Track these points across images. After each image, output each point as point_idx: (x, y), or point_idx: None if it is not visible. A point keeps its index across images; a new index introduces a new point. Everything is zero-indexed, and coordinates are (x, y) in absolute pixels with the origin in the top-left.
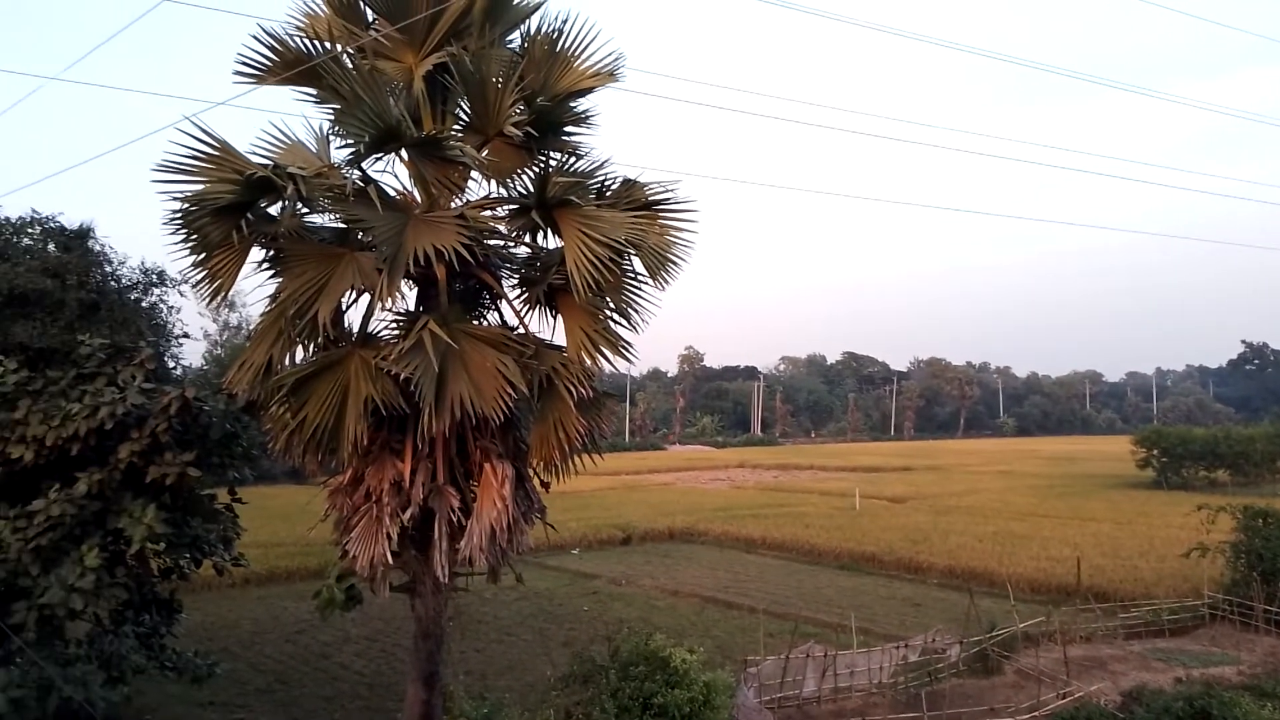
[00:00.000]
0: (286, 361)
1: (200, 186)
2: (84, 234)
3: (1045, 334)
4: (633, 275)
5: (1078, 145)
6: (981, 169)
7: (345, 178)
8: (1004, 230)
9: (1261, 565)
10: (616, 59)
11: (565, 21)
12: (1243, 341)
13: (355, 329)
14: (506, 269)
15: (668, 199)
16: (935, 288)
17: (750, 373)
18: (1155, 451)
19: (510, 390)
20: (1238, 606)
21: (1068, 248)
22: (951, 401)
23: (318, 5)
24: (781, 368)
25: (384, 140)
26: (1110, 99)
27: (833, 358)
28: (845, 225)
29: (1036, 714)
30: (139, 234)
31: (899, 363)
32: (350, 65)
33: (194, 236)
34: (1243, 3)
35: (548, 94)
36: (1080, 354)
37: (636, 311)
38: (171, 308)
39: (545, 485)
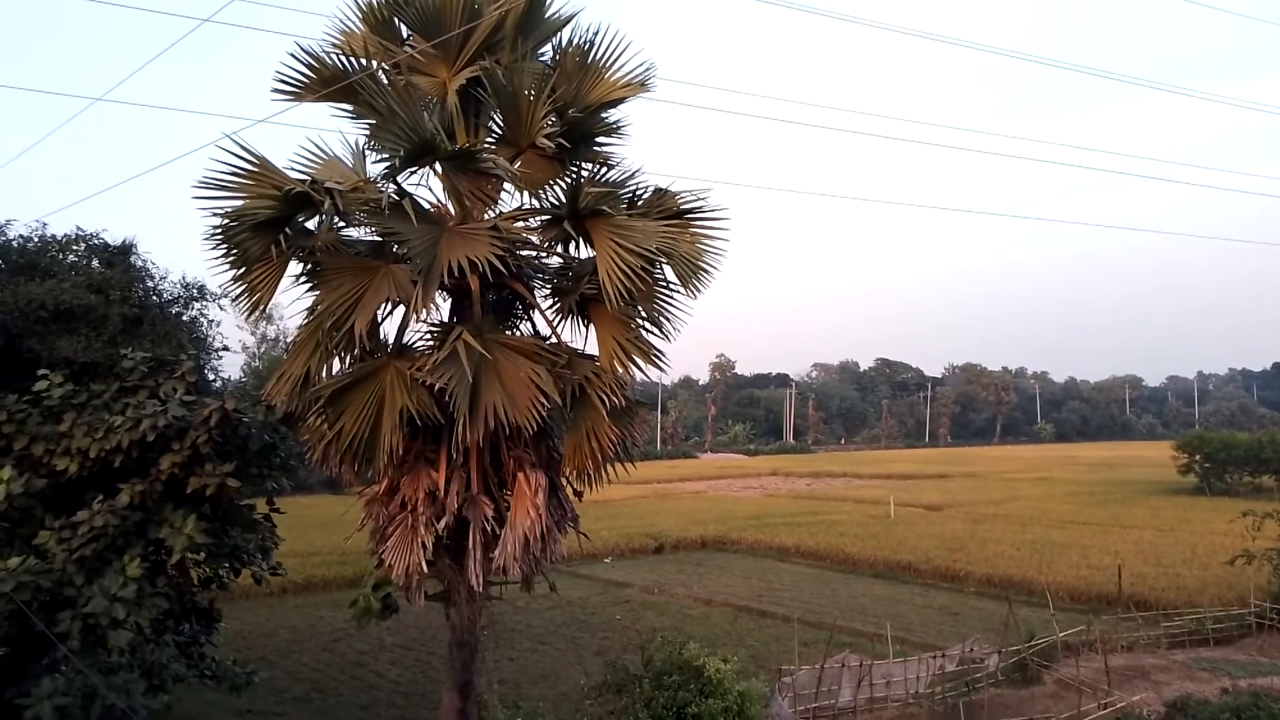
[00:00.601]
0: (324, 373)
1: (240, 202)
2: (126, 250)
3: (1083, 338)
4: (664, 284)
5: (1113, 146)
6: (1014, 171)
7: (381, 191)
8: (1038, 231)
9: None
10: (647, 69)
11: (596, 34)
12: None
13: (391, 340)
14: (539, 279)
15: (699, 207)
16: (969, 291)
17: (782, 380)
18: (1197, 457)
19: (543, 400)
20: None
21: (1104, 249)
22: (987, 408)
23: (354, 23)
24: (814, 375)
25: (419, 154)
26: (1143, 99)
27: (866, 364)
28: (877, 230)
29: None
30: (181, 249)
31: (933, 369)
32: (385, 81)
33: (234, 251)
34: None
35: (579, 105)
36: (1119, 358)
37: (668, 320)
38: (211, 321)
39: (578, 494)
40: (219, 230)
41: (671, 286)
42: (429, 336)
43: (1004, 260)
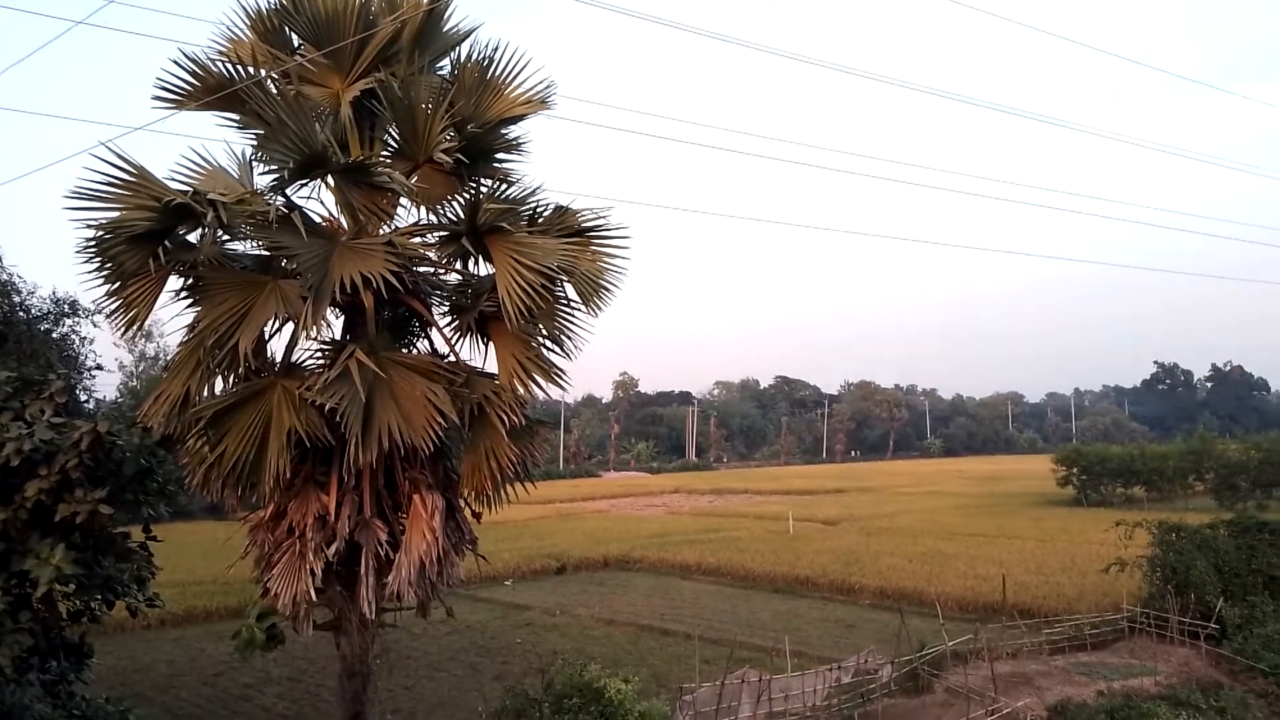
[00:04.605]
0: (205, 393)
1: (116, 214)
2: None
3: (969, 356)
4: (566, 302)
5: (991, 172)
6: (901, 194)
7: (268, 204)
8: (926, 255)
9: (1175, 578)
10: (548, 86)
11: (496, 49)
12: (1155, 362)
13: (278, 359)
14: (437, 296)
15: (600, 225)
16: (863, 311)
17: (685, 398)
18: (1075, 470)
19: (440, 419)
20: (1154, 619)
21: (987, 270)
22: (881, 424)
23: (242, 30)
24: (716, 393)
25: (309, 166)
26: (1025, 127)
27: (766, 382)
28: (777, 250)
29: None
30: (51, 263)
31: (830, 386)
32: (275, 90)
33: (108, 265)
34: None
35: (478, 121)
36: (1003, 375)
37: (570, 338)
38: (84, 338)
39: (477, 516)
40: (93, 243)
41: (573, 304)
42: (320, 355)
43: (894, 280)
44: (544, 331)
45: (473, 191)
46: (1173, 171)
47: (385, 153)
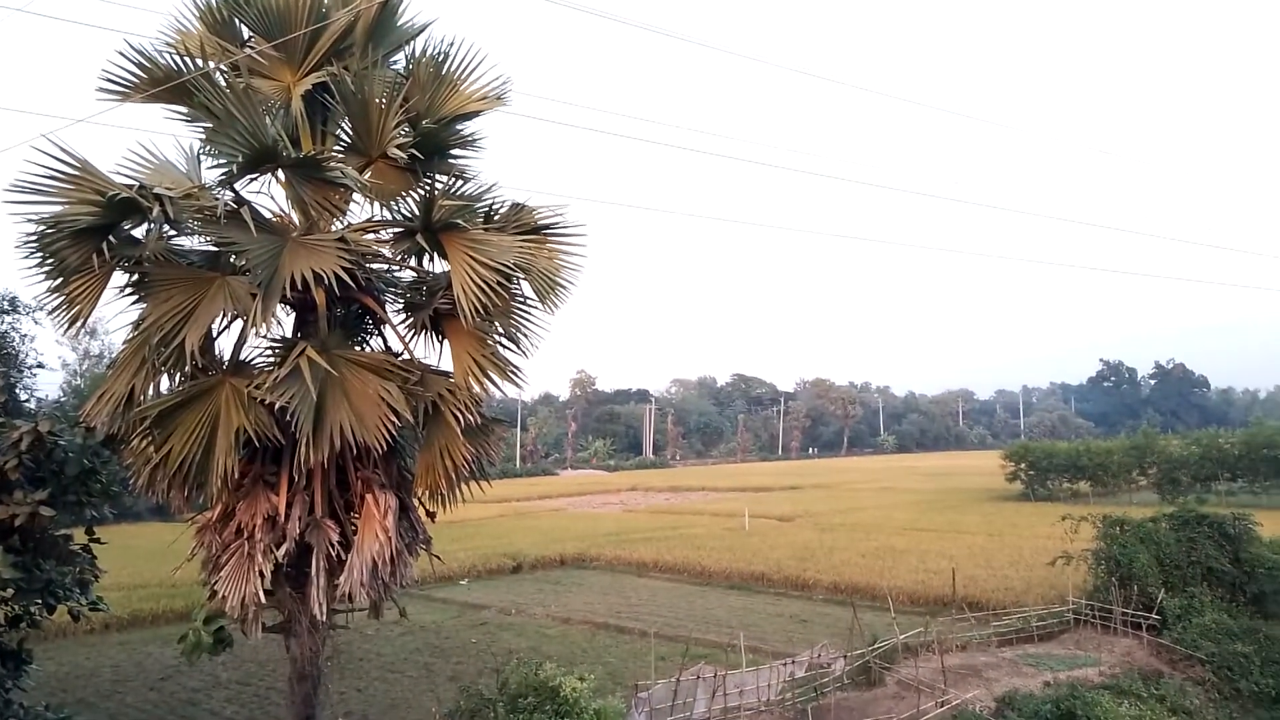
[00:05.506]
0: (151, 392)
1: (58, 208)
2: None
3: (922, 353)
4: (522, 299)
5: (944, 173)
6: (855, 193)
7: (217, 199)
8: (881, 253)
9: (1119, 571)
10: (504, 83)
11: (451, 45)
12: (1100, 359)
13: (227, 357)
14: (391, 293)
15: (557, 223)
16: (819, 308)
17: (642, 396)
18: (1023, 465)
19: (394, 418)
20: (1099, 610)
21: (942, 267)
22: (836, 421)
23: (190, 21)
24: (673, 390)
25: (259, 160)
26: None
27: (723, 380)
28: (734, 247)
29: None
30: None
31: (786, 384)
32: (224, 83)
33: (50, 260)
34: None
35: (433, 116)
36: (954, 373)
37: (526, 336)
38: (24, 336)
39: (431, 515)
40: (34, 238)
41: (529, 302)
42: (270, 353)
43: (853, 276)
44: (500, 329)
45: (428, 188)
46: (1117, 177)
47: (338, 148)
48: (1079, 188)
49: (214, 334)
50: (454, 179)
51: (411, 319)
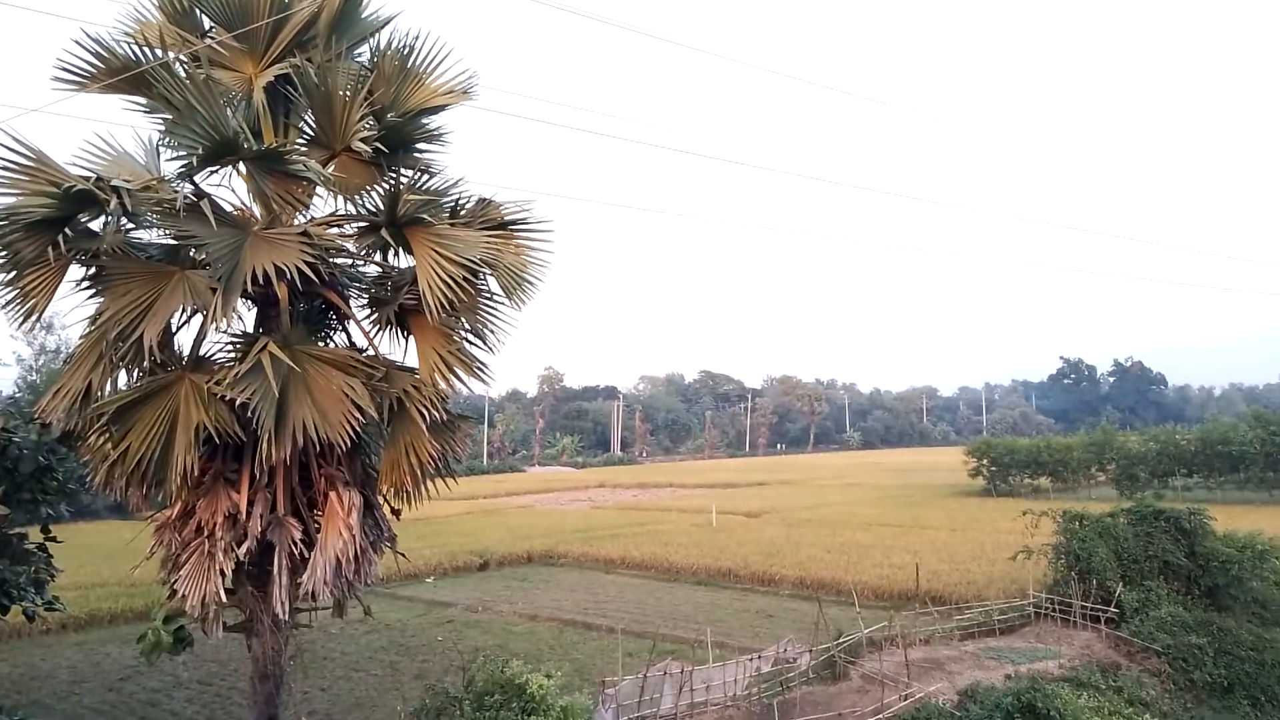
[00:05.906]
0: (108, 387)
1: (12, 199)
2: None
3: (887, 350)
4: (488, 295)
5: (907, 172)
6: (822, 191)
7: (176, 191)
8: (845, 251)
9: (1078, 565)
10: (470, 77)
11: (417, 38)
12: (1061, 357)
13: (186, 352)
14: (355, 288)
15: (524, 219)
16: (785, 306)
17: (610, 392)
18: (985, 461)
19: (358, 414)
20: (1059, 604)
21: (905, 265)
22: (802, 417)
23: (149, 11)
24: (641, 387)
25: (220, 153)
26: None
27: (690, 376)
28: (702, 244)
29: (881, 716)
30: None
31: (753, 380)
32: (184, 74)
33: (4, 253)
34: None
35: (398, 110)
36: (918, 369)
37: (492, 332)
38: None
39: (396, 512)
40: None
41: (495, 298)
42: (231, 348)
43: (820, 274)
44: (466, 325)
45: (393, 182)
46: (1077, 173)
47: (301, 140)
48: (1041, 188)
49: (173, 329)
50: (419, 173)
51: (376, 314)
